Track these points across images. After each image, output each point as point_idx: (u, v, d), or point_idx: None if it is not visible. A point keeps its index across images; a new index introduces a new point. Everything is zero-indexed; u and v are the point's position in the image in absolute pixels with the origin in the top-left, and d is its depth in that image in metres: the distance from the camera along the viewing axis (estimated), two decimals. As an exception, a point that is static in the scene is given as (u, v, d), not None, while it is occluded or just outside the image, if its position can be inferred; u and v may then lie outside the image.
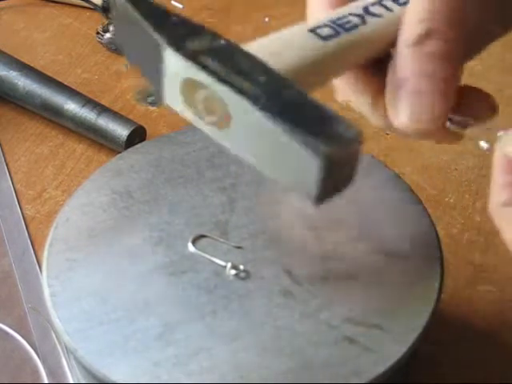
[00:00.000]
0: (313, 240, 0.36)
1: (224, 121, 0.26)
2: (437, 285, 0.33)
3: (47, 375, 0.40)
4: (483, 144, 0.31)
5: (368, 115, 0.32)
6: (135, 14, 0.27)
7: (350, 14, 0.30)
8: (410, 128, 0.29)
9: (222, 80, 0.25)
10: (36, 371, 0.41)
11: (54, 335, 0.42)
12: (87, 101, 0.56)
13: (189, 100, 0.27)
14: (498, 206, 0.29)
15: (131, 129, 0.54)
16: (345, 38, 0.29)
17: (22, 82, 0.58)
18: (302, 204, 0.38)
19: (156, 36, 0.27)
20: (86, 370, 0.31)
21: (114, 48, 0.66)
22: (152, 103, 0.60)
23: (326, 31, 0.29)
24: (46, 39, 0.69)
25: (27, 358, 0.41)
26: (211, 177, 0.39)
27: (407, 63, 0.29)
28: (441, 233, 0.36)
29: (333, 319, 0.32)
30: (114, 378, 0.30)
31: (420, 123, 0.29)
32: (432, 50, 0.28)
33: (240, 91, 0.25)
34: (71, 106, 0.56)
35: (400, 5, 0.31)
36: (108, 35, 0.67)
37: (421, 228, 0.36)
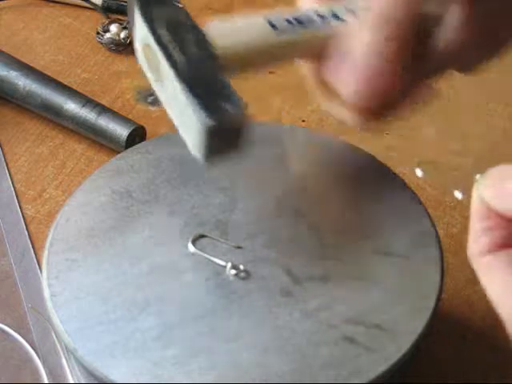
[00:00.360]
0: (313, 240, 0.36)
1: (160, 79, 0.32)
2: (437, 285, 0.33)
3: (47, 375, 0.40)
4: (457, 194, 0.31)
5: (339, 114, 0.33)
6: None
7: (316, 14, 0.33)
8: (353, 99, 0.31)
9: (161, 44, 0.31)
10: (36, 371, 0.41)
11: (54, 335, 0.42)
12: (87, 101, 0.56)
13: (146, 57, 0.33)
14: (475, 254, 0.29)
15: (131, 129, 0.54)
16: (297, 33, 0.33)
17: (22, 82, 0.58)
18: (302, 204, 0.38)
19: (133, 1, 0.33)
20: (86, 369, 0.31)
21: (114, 48, 0.66)
22: (152, 103, 0.60)
23: (283, 25, 0.33)
24: (46, 39, 0.69)
25: (27, 358, 0.41)
26: (211, 177, 0.39)
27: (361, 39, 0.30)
28: (441, 233, 0.36)
29: (333, 319, 0.32)
30: (114, 378, 0.30)
31: (362, 96, 0.30)
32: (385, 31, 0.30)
33: (169, 56, 0.31)
34: (71, 106, 0.56)
35: None
36: (108, 35, 0.67)
37: (421, 228, 0.36)
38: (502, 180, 0.28)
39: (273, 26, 0.33)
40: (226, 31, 0.33)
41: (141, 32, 0.32)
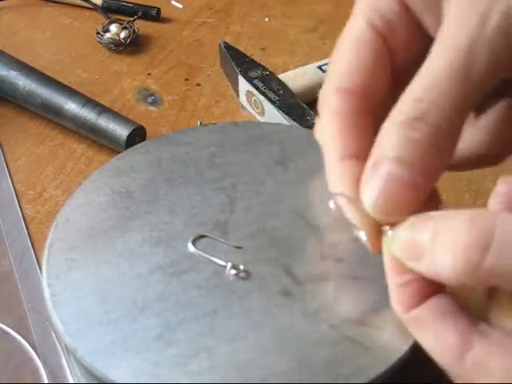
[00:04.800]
0: (313, 240, 0.36)
1: (261, 111, 0.57)
2: (437, 285, 0.33)
3: (47, 375, 0.40)
4: (361, 235, 0.31)
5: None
6: (228, 57, 0.61)
7: None
8: (371, 210, 0.28)
9: (261, 92, 0.56)
10: (36, 371, 0.41)
11: (54, 335, 0.42)
12: (87, 101, 0.56)
13: (248, 100, 0.58)
14: (400, 311, 0.28)
15: (131, 129, 0.54)
16: None
17: (22, 82, 0.58)
18: (302, 204, 0.38)
19: (235, 68, 0.59)
20: (86, 369, 0.31)
21: (114, 48, 0.66)
22: (152, 103, 0.61)
23: (326, 67, 0.54)
24: (46, 39, 0.69)
25: (27, 358, 0.41)
26: (211, 177, 0.39)
27: (389, 144, 0.27)
28: (441, 233, 0.36)
29: (333, 319, 0.32)
30: (114, 378, 0.30)
31: (381, 210, 0.28)
32: (418, 136, 0.26)
33: (268, 99, 0.56)
34: (71, 106, 0.56)
35: None
36: (108, 35, 0.67)
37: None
38: (412, 233, 0.27)
39: (322, 69, 0.59)
40: (293, 76, 0.59)
41: (243, 86, 0.58)
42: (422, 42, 0.31)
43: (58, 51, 0.67)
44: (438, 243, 0.26)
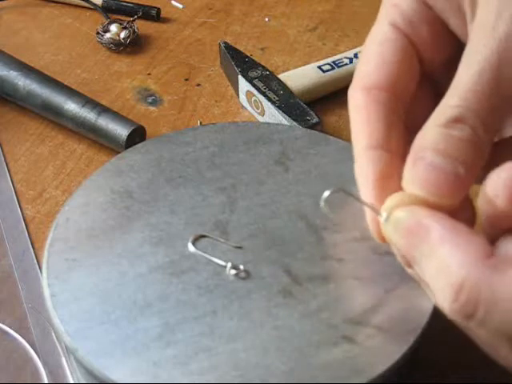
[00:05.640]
0: (313, 240, 0.36)
1: (261, 112, 0.56)
2: (437, 285, 0.33)
3: (47, 375, 0.40)
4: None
5: None
6: (228, 57, 0.60)
7: (345, 57, 0.59)
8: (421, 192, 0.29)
9: (261, 92, 0.55)
10: (36, 371, 0.41)
11: (54, 335, 0.42)
12: (87, 101, 0.56)
13: (248, 100, 0.57)
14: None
15: (131, 129, 0.53)
16: (336, 71, 0.58)
17: (22, 82, 0.58)
18: (302, 204, 0.38)
19: (235, 68, 0.58)
20: (86, 370, 0.31)
21: (114, 48, 0.66)
22: (152, 103, 0.60)
23: (326, 67, 0.58)
24: (46, 39, 0.69)
25: (27, 358, 0.41)
26: (211, 177, 0.39)
27: (431, 139, 0.28)
28: (441, 233, 0.36)
29: (333, 319, 0.32)
30: (114, 378, 0.30)
31: (431, 195, 0.28)
32: (458, 134, 0.28)
33: (268, 99, 0.55)
34: (71, 106, 0.56)
35: None
36: (108, 35, 0.67)
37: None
38: (411, 240, 0.28)
39: (322, 70, 0.58)
40: (292, 76, 0.58)
41: (243, 86, 0.57)
42: (451, 43, 0.32)
43: (57, 51, 0.67)
44: (431, 273, 0.27)
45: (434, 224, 0.27)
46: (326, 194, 0.31)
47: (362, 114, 0.31)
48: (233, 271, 0.34)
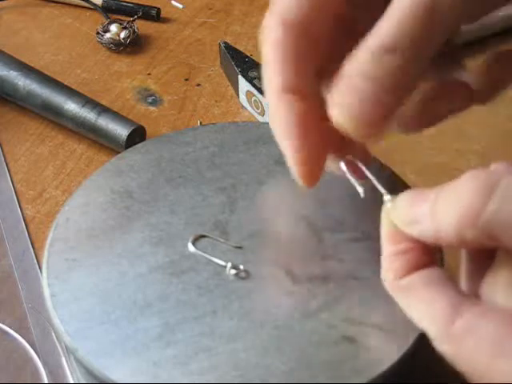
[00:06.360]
0: (313, 240, 0.36)
1: (261, 112, 0.56)
2: (437, 285, 0.33)
3: (47, 375, 0.40)
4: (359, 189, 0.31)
5: None
6: (228, 57, 0.60)
7: None
8: (338, 122, 0.29)
9: (261, 92, 0.54)
10: (36, 371, 0.41)
11: (54, 335, 0.42)
12: (87, 101, 0.56)
13: (248, 100, 0.58)
14: (390, 279, 0.29)
15: (131, 129, 0.54)
16: None
17: (22, 82, 0.58)
18: (302, 204, 0.38)
19: (235, 68, 0.59)
20: (86, 369, 0.31)
21: (114, 48, 0.66)
22: (152, 103, 0.60)
23: None
24: (46, 39, 0.69)
25: (27, 358, 0.41)
26: (211, 177, 0.39)
27: (359, 63, 0.28)
28: (441, 233, 0.36)
29: (333, 319, 0.32)
30: (114, 378, 0.30)
31: (353, 121, 0.29)
32: (388, 60, 0.28)
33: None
34: (71, 106, 0.56)
35: None
36: (108, 35, 0.67)
37: (421, 228, 0.36)
38: (413, 203, 0.28)
39: None
40: None
41: (243, 86, 0.58)
42: None
43: (57, 51, 0.67)
44: (440, 200, 0.27)
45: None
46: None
47: (277, 51, 0.31)
48: (233, 271, 0.34)
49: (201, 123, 0.57)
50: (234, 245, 0.35)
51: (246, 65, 0.59)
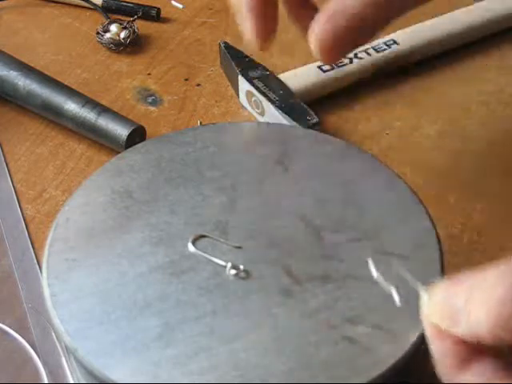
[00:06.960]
0: (313, 240, 0.36)
1: (261, 112, 0.56)
2: (437, 285, 0.33)
3: (47, 375, 0.40)
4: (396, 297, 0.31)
5: None
6: (228, 57, 0.60)
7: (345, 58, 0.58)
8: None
9: (261, 92, 0.55)
10: (36, 371, 0.41)
11: (54, 335, 0.42)
12: (87, 101, 0.56)
13: (248, 100, 0.58)
14: (447, 377, 0.28)
15: (131, 129, 0.54)
16: (336, 71, 0.58)
17: (22, 82, 0.58)
18: (302, 204, 0.38)
19: (235, 68, 0.58)
20: (86, 369, 0.31)
21: (114, 48, 0.66)
22: (152, 103, 0.60)
23: (326, 67, 0.58)
24: (46, 39, 0.69)
25: (27, 358, 0.41)
26: (211, 177, 0.39)
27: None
28: (441, 233, 0.36)
29: (333, 319, 0.32)
30: (114, 378, 0.30)
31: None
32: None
33: (268, 99, 0.55)
34: (71, 106, 0.56)
35: (377, 52, 0.59)
36: (108, 35, 0.67)
37: (421, 228, 0.36)
38: (447, 298, 0.27)
39: (322, 69, 0.58)
40: (293, 76, 0.58)
41: (243, 86, 0.57)
42: None
43: (58, 51, 0.67)
44: (473, 301, 0.26)
45: None
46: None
47: None
48: (233, 271, 0.34)
49: (201, 123, 0.57)
50: (234, 245, 0.35)
51: (245, 65, 0.59)
